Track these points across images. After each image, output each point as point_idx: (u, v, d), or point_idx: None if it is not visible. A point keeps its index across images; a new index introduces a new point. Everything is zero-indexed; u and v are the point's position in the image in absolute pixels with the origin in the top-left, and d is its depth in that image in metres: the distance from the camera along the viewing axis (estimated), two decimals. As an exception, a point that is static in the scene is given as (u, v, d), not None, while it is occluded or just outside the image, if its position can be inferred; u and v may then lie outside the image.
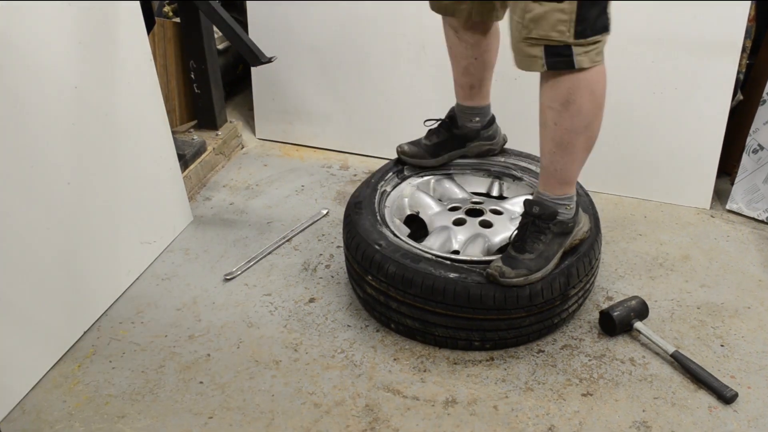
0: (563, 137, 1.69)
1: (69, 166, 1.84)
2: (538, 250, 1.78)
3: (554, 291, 1.81)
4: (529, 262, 1.76)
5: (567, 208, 1.80)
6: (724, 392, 1.73)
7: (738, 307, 2.05)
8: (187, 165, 2.54)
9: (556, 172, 1.76)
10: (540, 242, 1.78)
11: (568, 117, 1.64)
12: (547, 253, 1.79)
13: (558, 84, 1.61)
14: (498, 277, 1.75)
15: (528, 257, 1.77)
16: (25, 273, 1.73)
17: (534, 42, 1.56)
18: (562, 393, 1.76)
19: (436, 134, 2.17)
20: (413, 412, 1.71)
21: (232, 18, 2.35)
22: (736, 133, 2.50)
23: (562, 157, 1.72)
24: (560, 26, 1.52)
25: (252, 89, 2.93)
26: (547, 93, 1.65)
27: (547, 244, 1.79)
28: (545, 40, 1.55)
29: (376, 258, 1.84)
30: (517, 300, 1.77)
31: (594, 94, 1.63)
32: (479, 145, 2.18)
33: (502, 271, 1.75)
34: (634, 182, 2.56)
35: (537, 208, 1.79)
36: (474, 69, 2.02)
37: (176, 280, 2.15)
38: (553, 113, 1.66)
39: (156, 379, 1.80)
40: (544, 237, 1.78)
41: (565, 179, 1.77)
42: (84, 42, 1.86)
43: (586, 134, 1.68)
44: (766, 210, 2.40)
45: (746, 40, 2.32)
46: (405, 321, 1.87)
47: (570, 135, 1.68)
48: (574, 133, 1.67)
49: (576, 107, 1.63)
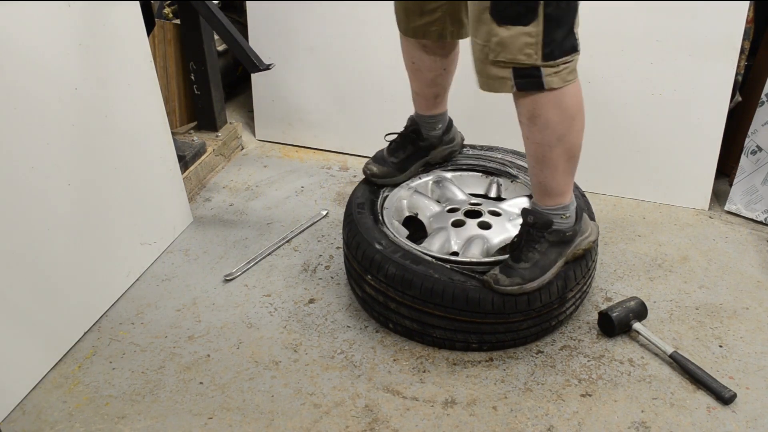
0: (537, 151, 1.68)
1: (69, 167, 1.84)
2: (534, 259, 1.77)
3: (552, 295, 1.81)
4: (524, 271, 1.76)
5: (563, 218, 1.78)
6: (722, 393, 1.73)
7: (736, 307, 2.05)
8: (187, 166, 2.55)
9: (541, 185, 1.75)
10: (535, 251, 1.77)
11: (537, 131, 1.64)
12: (543, 263, 1.78)
13: (523, 101, 1.61)
14: (492, 284, 1.75)
15: (523, 266, 1.76)
16: (26, 274, 1.73)
17: (503, 64, 1.56)
18: (561, 393, 1.77)
19: (401, 149, 2.14)
20: (413, 412, 1.72)
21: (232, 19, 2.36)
22: (734, 135, 2.50)
23: (542, 170, 1.71)
24: (527, 49, 1.51)
25: (252, 91, 2.94)
26: (517, 109, 1.65)
27: (543, 253, 1.78)
28: (513, 63, 1.54)
29: (376, 258, 1.85)
30: (516, 304, 1.78)
31: (561, 107, 1.60)
32: (441, 150, 2.20)
33: (497, 279, 1.75)
34: (633, 183, 2.56)
35: (531, 217, 1.78)
36: (441, 79, 2.01)
37: (176, 281, 2.15)
38: (524, 128, 1.67)
39: (156, 380, 1.80)
40: (539, 246, 1.78)
41: (552, 191, 1.75)
42: (84, 43, 1.86)
43: (561, 147, 1.66)
44: (765, 211, 2.41)
45: (745, 41, 2.32)
46: (404, 322, 1.87)
47: (543, 149, 1.66)
48: (548, 146, 1.65)
49: (542, 121, 1.61)
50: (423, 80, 2.01)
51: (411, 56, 1.98)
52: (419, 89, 2.05)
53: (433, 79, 2.00)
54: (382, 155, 2.15)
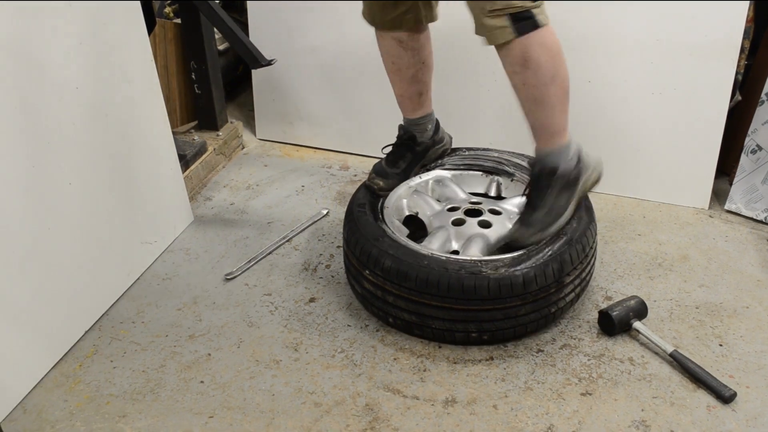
0: (534, 93, 1.78)
1: (70, 166, 1.84)
2: (548, 205, 1.88)
3: (548, 278, 1.82)
4: (542, 218, 1.88)
5: (566, 158, 1.88)
6: (722, 392, 1.73)
7: (736, 306, 2.05)
8: (188, 165, 2.55)
9: (543, 127, 1.85)
10: (547, 197, 1.88)
11: (531, 74, 1.75)
12: (557, 208, 1.90)
13: (511, 50, 1.73)
14: (517, 238, 1.87)
15: (539, 214, 1.88)
16: (26, 273, 1.73)
17: (498, 13, 1.68)
18: (561, 392, 1.77)
19: (401, 159, 2.18)
20: (413, 411, 1.72)
21: (232, 19, 2.36)
22: (734, 134, 2.50)
23: (542, 111, 1.82)
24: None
25: (252, 90, 2.94)
26: (506, 61, 1.76)
27: (555, 198, 1.89)
28: (509, 8, 1.67)
29: (373, 253, 1.86)
30: (512, 288, 1.78)
31: (547, 46, 1.73)
32: (434, 151, 2.25)
33: (519, 232, 1.87)
34: (633, 182, 2.57)
35: (537, 165, 1.89)
36: (421, 74, 2.09)
37: (177, 280, 2.15)
38: (518, 76, 1.77)
39: (157, 379, 1.80)
40: (550, 191, 1.88)
41: (553, 130, 1.85)
42: (85, 43, 1.86)
43: (555, 84, 1.77)
44: (765, 210, 2.41)
45: (745, 40, 2.32)
46: (402, 315, 1.88)
47: (540, 89, 1.77)
48: (543, 86, 1.77)
49: (534, 63, 1.73)
50: (405, 79, 2.09)
51: (390, 57, 2.06)
52: (403, 90, 2.12)
53: (413, 75, 2.08)
54: (382, 168, 2.17)
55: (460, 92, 2.62)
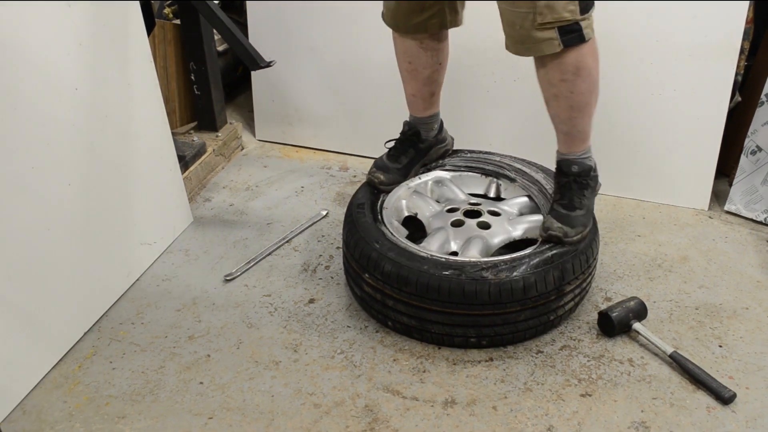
0: (580, 100, 1.83)
1: (69, 167, 1.84)
2: (587, 205, 1.94)
3: (548, 285, 1.81)
4: (582, 218, 1.91)
5: (591, 159, 1.97)
6: (722, 393, 1.73)
7: (736, 308, 2.05)
8: (187, 166, 2.55)
9: (579, 133, 1.90)
10: (585, 198, 1.94)
11: (581, 82, 1.79)
12: (590, 207, 1.97)
13: (565, 59, 1.75)
14: (563, 238, 1.87)
15: (579, 213, 1.91)
16: (26, 274, 1.73)
17: (548, 26, 1.69)
18: (560, 393, 1.77)
19: (403, 154, 2.18)
20: (413, 412, 1.72)
21: (232, 19, 2.36)
22: (734, 135, 2.50)
23: (582, 118, 1.87)
24: (570, 6, 1.68)
25: (252, 91, 2.94)
26: (556, 70, 1.77)
27: (590, 198, 1.96)
28: (558, 21, 1.69)
29: (373, 256, 1.86)
30: (512, 293, 1.78)
31: (595, 55, 1.79)
32: (436, 150, 2.26)
33: (565, 232, 1.87)
34: (633, 183, 2.57)
35: (575, 167, 1.93)
36: (436, 75, 2.08)
37: (176, 281, 2.15)
38: (568, 84, 1.79)
39: (156, 380, 1.80)
40: (587, 192, 1.95)
41: (585, 135, 1.92)
42: (84, 43, 1.86)
43: (596, 92, 1.85)
44: (765, 211, 2.41)
45: (744, 41, 2.33)
46: (402, 319, 1.88)
47: (585, 96, 1.83)
48: (588, 93, 1.83)
49: (586, 71, 1.78)
50: (420, 79, 2.07)
51: (407, 57, 2.04)
52: (416, 90, 2.10)
53: (429, 76, 2.06)
54: (383, 163, 2.17)
55: (459, 94, 2.61)
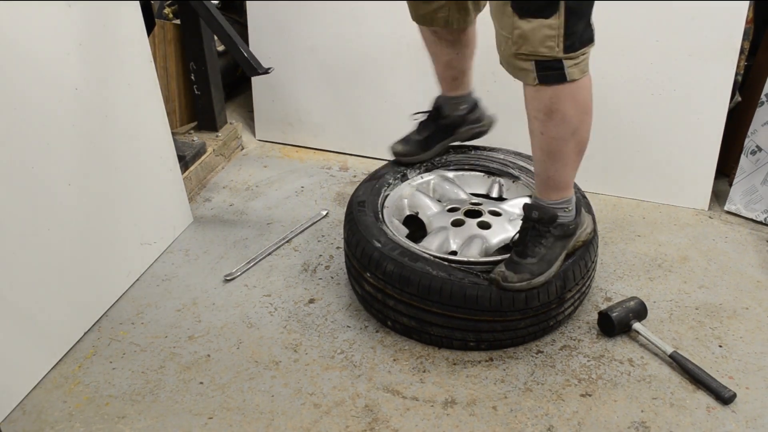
0: (551, 145, 1.69)
1: (69, 167, 1.84)
2: (540, 254, 1.78)
3: (551, 294, 1.81)
4: (532, 266, 1.77)
5: (566, 211, 1.80)
6: (722, 393, 1.73)
7: (736, 307, 2.05)
8: (187, 166, 2.55)
9: (549, 179, 1.76)
10: (542, 246, 1.78)
11: (553, 126, 1.64)
12: (549, 257, 1.79)
13: (540, 95, 1.61)
14: (501, 281, 1.76)
15: (530, 261, 1.77)
16: (26, 274, 1.73)
17: (525, 57, 1.56)
18: (560, 393, 1.77)
19: (425, 128, 2.20)
20: (413, 412, 1.72)
21: (232, 20, 2.36)
22: (734, 135, 2.50)
23: (552, 164, 1.72)
24: (549, 42, 1.52)
25: (252, 91, 2.94)
26: (532, 103, 1.65)
27: (549, 247, 1.79)
28: (534, 55, 1.55)
29: (375, 255, 1.86)
30: (513, 302, 1.78)
31: (576, 100, 1.62)
32: (468, 129, 2.21)
33: (504, 276, 1.76)
34: (633, 183, 2.57)
35: (536, 212, 1.78)
36: (456, 62, 2.07)
37: (176, 281, 2.15)
38: (539, 123, 1.66)
39: (156, 380, 1.80)
40: (545, 241, 1.79)
41: (559, 185, 1.77)
42: (84, 43, 1.86)
43: (573, 140, 1.68)
44: (765, 211, 2.41)
45: (744, 41, 2.32)
46: (402, 319, 1.88)
47: (557, 142, 1.67)
48: (562, 140, 1.67)
49: (560, 116, 1.62)
50: (440, 63, 2.09)
51: (427, 42, 2.07)
52: (438, 71, 2.12)
53: (448, 62, 2.07)
54: (408, 135, 2.20)
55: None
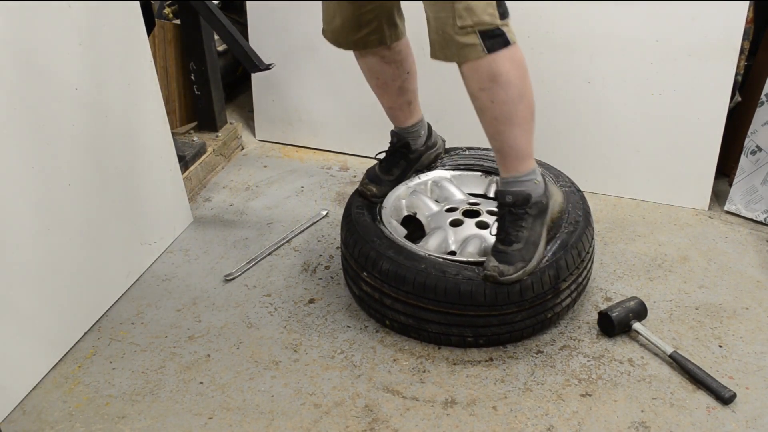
0: (503, 111, 1.71)
1: (69, 167, 1.84)
2: (524, 237, 1.79)
3: (544, 285, 1.81)
4: (520, 251, 1.78)
5: (535, 183, 1.81)
6: (722, 393, 1.73)
7: (736, 307, 2.05)
8: (187, 166, 2.55)
9: (511, 149, 1.77)
10: (523, 229, 1.79)
11: (501, 90, 1.68)
12: (533, 238, 1.81)
13: (480, 65, 1.67)
14: (498, 277, 1.76)
15: (517, 247, 1.78)
16: (26, 274, 1.73)
17: (469, 30, 1.62)
18: (560, 393, 1.77)
19: (395, 166, 2.17)
20: (413, 412, 1.72)
21: (232, 19, 2.36)
22: (734, 135, 2.50)
23: (510, 130, 1.74)
24: (489, 9, 1.62)
25: (252, 91, 2.94)
26: (474, 78, 1.69)
27: (530, 228, 1.80)
28: (479, 25, 1.62)
29: (371, 255, 1.86)
30: (508, 295, 1.78)
31: (514, 60, 1.68)
32: (428, 156, 2.23)
33: (500, 271, 1.76)
34: (633, 183, 2.56)
35: (509, 197, 1.79)
36: (408, 83, 2.06)
37: (176, 281, 2.15)
38: (486, 93, 1.70)
39: (156, 380, 1.80)
40: (524, 223, 1.80)
41: (521, 153, 1.78)
42: (84, 43, 1.86)
43: (522, 103, 1.72)
44: (765, 211, 2.41)
45: (744, 41, 2.32)
46: (399, 318, 1.88)
47: (509, 106, 1.71)
48: (512, 103, 1.71)
49: (504, 78, 1.67)
50: (392, 92, 2.07)
51: (373, 73, 2.04)
52: (392, 103, 2.10)
53: (400, 86, 2.05)
54: (376, 174, 2.15)
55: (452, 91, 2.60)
